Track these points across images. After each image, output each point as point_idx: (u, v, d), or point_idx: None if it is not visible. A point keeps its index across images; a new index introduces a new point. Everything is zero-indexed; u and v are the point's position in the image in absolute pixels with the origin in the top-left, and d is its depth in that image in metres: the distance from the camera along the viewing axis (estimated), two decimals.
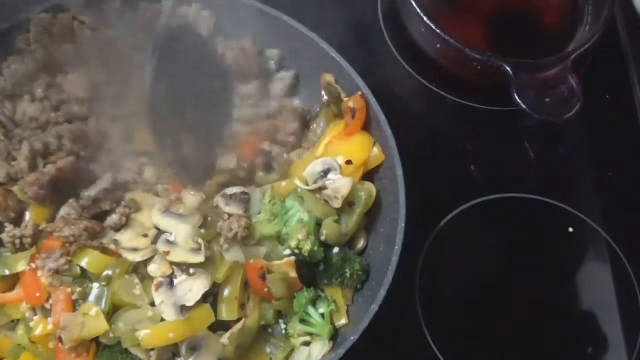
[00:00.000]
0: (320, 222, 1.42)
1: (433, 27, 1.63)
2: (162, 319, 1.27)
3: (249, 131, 1.54)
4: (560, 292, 1.62)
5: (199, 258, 1.31)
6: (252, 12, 1.59)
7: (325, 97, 1.57)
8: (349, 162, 1.47)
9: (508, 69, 1.57)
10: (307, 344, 1.39)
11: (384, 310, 1.33)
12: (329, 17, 1.75)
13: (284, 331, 1.39)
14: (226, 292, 1.33)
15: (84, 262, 1.32)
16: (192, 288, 1.29)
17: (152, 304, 1.29)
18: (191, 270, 1.32)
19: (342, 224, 1.43)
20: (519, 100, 1.54)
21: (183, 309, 1.27)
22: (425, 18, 1.64)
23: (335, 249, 1.43)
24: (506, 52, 1.61)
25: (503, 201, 1.67)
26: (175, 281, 1.30)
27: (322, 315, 1.39)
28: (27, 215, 1.40)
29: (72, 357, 1.26)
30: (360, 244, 1.49)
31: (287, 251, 1.39)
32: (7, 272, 1.33)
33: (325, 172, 1.45)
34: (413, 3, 1.66)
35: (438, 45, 1.66)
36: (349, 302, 1.45)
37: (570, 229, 1.67)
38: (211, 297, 1.33)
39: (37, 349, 1.30)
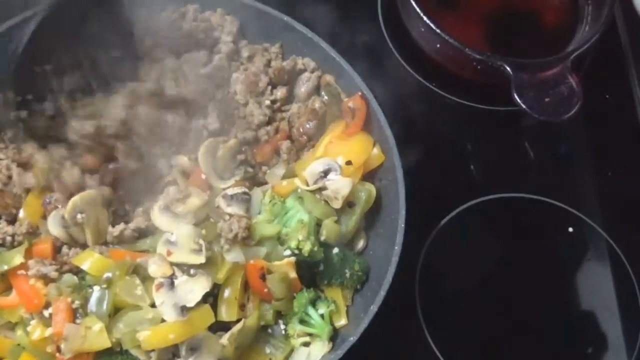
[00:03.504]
0: (320, 222, 1.42)
1: (433, 27, 1.63)
2: (163, 320, 1.27)
3: (272, 133, 1.56)
4: (560, 292, 1.63)
5: (200, 259, 1.31)
6: (251, 12, 1.60)
7: (326, 97, 1.57)
8: (349, 162, 1.47)
9: (508, 69, 1.57)
10: (306, 344, 1.39)
11: (383, 311, 1.33)
12: (329, 17, 1.75)
13: (283, 332, 1.39)
14: (226, 293, 1.33)
15: (85, 265, 1.33)
16: (193, 289, 1.28)
17: (153, 305, 1.29)
18: (192, 271, 1.32)
19: (342, 224, 1.43)
20: (519, 100, 1.54)
21: (184, 309, 1.27)
22: (425, 18, 1.64)
23: (335, 250, 1.43)
24: (506, 52, 1.61)
25: (503, 201, 1.67)
26: (176, 282, 1.30)
27: (322, 316, 1.39)
28: (21, 213, 1.42)
29: (72, 358, 1.26)
30: (360, 244, 1.49)
31: (287, 252, 1.39)
32: (5, 267, 1.34)
33: (326, 173, 1.45)
34: (413, 3, 1.66)
35: (438, 45, 1.66)
36: (348, 302, 1.45)
37: (570, 229, 1.67)
38: (211, 297, 1.33)
39: (37, 350, 1.30)
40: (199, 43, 1.60)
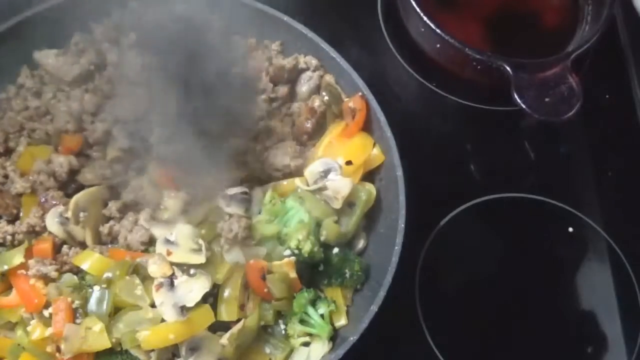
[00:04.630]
0: (320, 222, 1.42)
1: (433, 27, 1.63)
2: (163, 320, 1.27)
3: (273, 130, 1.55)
4: (561, 292, 1.62)
5: (200, 259, 1.31)
6: (252, 12, 1.59)
7: (326, 97, 1.57)
8: (349, 162, 1.47)
9: (508, 69, 1.57)
10: (306, 344, 1.39)
11: (384, 311, 1.33)
12: (329, 17, 1.76)
13: (283, 332, 1.39)
14: (226, 293, 1.33)
15: (85, 265, 1.33)
16: (193, 289, 1.29)
17: (153, 305, 1.29)
18: (192, 271, 1.32)
19: (342, 224, 1.43)
20: (519, 100, 1.54)
21: (183, 309, 1.27)
22: (425, 18, 1.64)
23: (335, 250, 1.43)
24: (506, 52, 1.61)
25: (503, 201, 1.67)
26: (176, 282, 1.30)
27: (322, 315, 1.39)
28: (22, 212, 1.43)
29: (72, 359, 1.26)
30: (360, 244, 1.49)
31: (287, 252, 1.39)
32: (5, 267, 1.34)
33: (326, 173, 1.45)
34: (413, 3, 1.66)
35: (438, 45, 1.66)
36: (348, 302, 1.45)
37: (570, 229, 1.67)
38: (211, 297, 1.33)
39: (37, 350, 1.30)
40: None
